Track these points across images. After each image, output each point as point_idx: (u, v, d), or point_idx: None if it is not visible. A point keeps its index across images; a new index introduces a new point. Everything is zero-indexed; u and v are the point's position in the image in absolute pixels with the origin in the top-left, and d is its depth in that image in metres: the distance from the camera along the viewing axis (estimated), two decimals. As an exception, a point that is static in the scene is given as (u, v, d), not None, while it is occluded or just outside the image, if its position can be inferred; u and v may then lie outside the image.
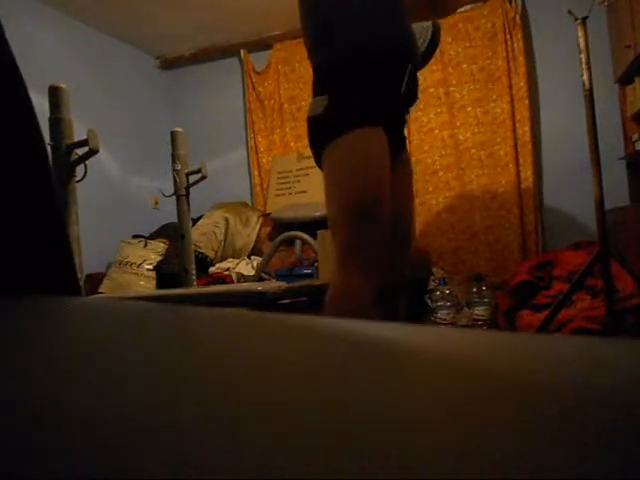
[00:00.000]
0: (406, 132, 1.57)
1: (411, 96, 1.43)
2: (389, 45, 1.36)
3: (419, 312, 3.16)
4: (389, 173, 1.34)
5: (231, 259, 3.91)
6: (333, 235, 1.35)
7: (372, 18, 1.36)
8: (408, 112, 1.48)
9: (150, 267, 3.70)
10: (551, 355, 0.20)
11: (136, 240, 3.89)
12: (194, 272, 2.50)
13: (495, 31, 3.85)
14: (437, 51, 1.73)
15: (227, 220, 4.09)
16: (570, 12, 2.12)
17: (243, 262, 3.79)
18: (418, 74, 1.45)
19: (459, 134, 3.94)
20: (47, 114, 1.79)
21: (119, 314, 0.31)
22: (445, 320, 3.12)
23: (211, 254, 3.97)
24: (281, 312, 0.29)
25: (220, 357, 0.20)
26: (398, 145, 1.43)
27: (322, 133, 1.34)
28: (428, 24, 1.65)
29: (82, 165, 1.82)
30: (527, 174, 3.77)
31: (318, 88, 1.37)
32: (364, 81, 1.33)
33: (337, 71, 1.35)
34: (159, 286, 3.61)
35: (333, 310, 1.28)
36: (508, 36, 3.81)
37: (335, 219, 1.34)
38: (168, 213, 3.77)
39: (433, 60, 4.17)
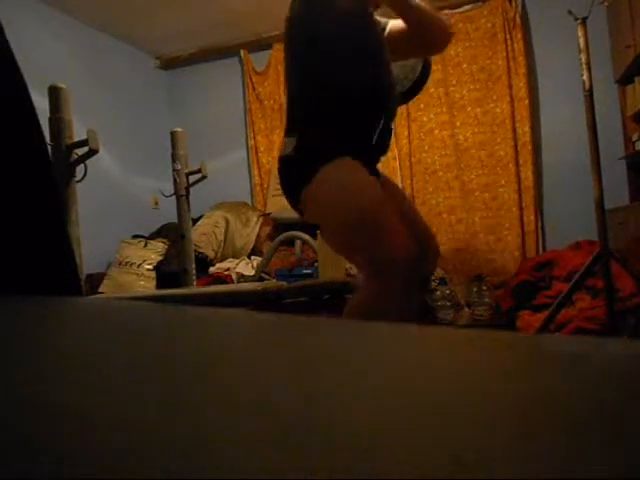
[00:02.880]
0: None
1: (382, 146, 1.43)
2: (366, 93, 1.35)
3: (419, 312, 3.16)
4: (378, 186, 1.33)
5: (231, 259, 3.91)
6: (350, 259, 1.32)
7: (355, 65, 1.35)
8: (379, 160, 1.48)
9: (150, 267, 3.70)
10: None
11: (136, 240, 3.89)
12: (194, 272, 2.50)
13: (495, 31, 3.85)
14: (426, 85, 1.73)
15: (227, 220, 4.09)
16: (570, 12, 2.11)
17: (243, 262, 3.79)
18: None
19: (459, 134, 3.94)
20: (47, 114, 1.79)
21: (119, 314, 0.31)
22: (445, 320, 3.12)
23: (211, 254, 3.97)
24: (281, 312, 0.29)
25: (219, 357, 0.20)
26: (374, 173, 1.42)
27: (297, 175, 1.32)
28: (416, 60, 1.65)
29: (82, 165, 1.82)
30: (527, 174, 3.77)
31: (289, 125, 1.38)
32: (337, 121, 1.33)
33: (309, 106, 1.36)
34: (159, 286, 3.61)
35: (364, 314, 1.23)
36: (508, 36, 3.81)
37: (347, 245, 1.32)
38: (168, 213, 3.77)
39: (433, 60, 4.17)
